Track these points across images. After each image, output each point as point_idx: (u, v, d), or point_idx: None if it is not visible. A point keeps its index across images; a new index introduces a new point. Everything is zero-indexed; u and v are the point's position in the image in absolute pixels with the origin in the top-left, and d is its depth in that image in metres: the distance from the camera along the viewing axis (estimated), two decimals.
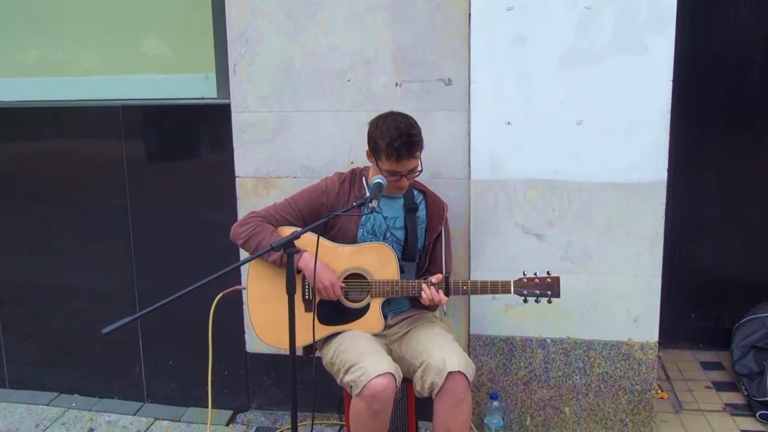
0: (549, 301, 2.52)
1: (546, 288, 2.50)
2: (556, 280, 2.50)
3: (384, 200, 2.58)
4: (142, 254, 3.34)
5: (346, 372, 2.40)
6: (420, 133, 2.49)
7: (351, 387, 2.36)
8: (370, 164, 2.62)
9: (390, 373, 2.33)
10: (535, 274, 2.51)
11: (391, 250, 2.56)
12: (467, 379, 2.38)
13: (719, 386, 3.41)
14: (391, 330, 2.65)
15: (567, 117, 2.75)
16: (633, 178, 2.75)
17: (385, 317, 2.63)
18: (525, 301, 2.51)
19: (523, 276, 2.51)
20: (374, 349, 2.46)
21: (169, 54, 3.33)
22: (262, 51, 2.98)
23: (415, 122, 2.51)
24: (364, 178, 2.66)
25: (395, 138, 2.41)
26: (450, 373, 2.34)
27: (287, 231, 2.55)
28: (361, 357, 2.39)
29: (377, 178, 2.45)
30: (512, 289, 2.50)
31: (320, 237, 2.43)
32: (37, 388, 3.58)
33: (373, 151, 2.52)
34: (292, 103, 3.00)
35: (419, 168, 2.51)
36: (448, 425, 2.41)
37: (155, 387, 3.46)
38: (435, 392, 2.37)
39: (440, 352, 2.40)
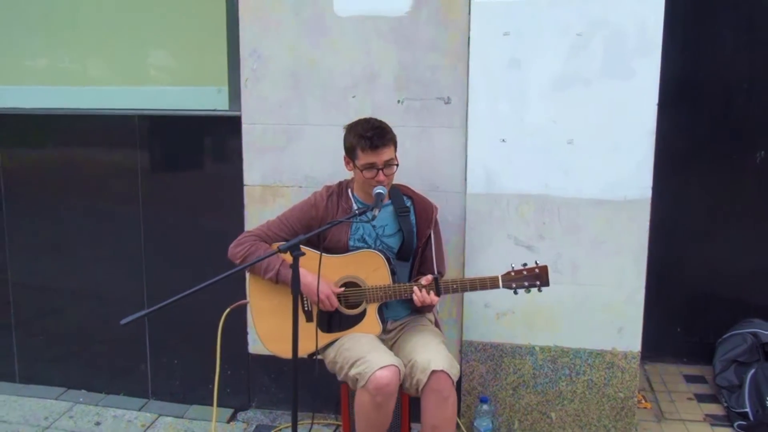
0: (539, 290, 2.59)
1: (534, 279, 2.58)
2: (544, 269, 2.58)
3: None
4: (152, 258, 3.49)
5: (351, 366, 2.52)
6: (390, 128, 2.66)
7: (356, 380, 2.49)
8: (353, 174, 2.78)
9: (393, 365, 2.47)
10: (524, 265, 2.59)
11: (381, 256, 2.68)
12: (451, 378, 2.50)
13: (701, 398, 3.55)
14: (389, 335, 2.79)
15: (558, 136, 2.92)
16: (619, 195, 2.91)
17: (385, 322, 2.76)
18: (515, 293, 2.59)
19: (510, 270, 2.60)
20: (377, 345, 2.61)
21: (185, 68, 3.50)
22: (272, 67, 3.15)
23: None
24: (349, 190, 2.81)
25: (367, 129, 2.62)
26: (434, 371, 2.46)
27: None
28: (366, 352, 2.52)
29: (378, 189, 2.61)
30: (500, 283, 2.59)
31: (313, 250, 2.57)
32: (45, 384, 3.72)
33: (349, 151, 2.68)
34: (300, 116, 3.17)
35: (396, 162, 2.66)
36: (434, 422, 2.54)
37: (160, 385, 3.60)
38: (420, 389, 2.50)
39: (426, 353, 2.54)
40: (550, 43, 2.87)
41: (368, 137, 2.59)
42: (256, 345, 3.38)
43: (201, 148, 3.46)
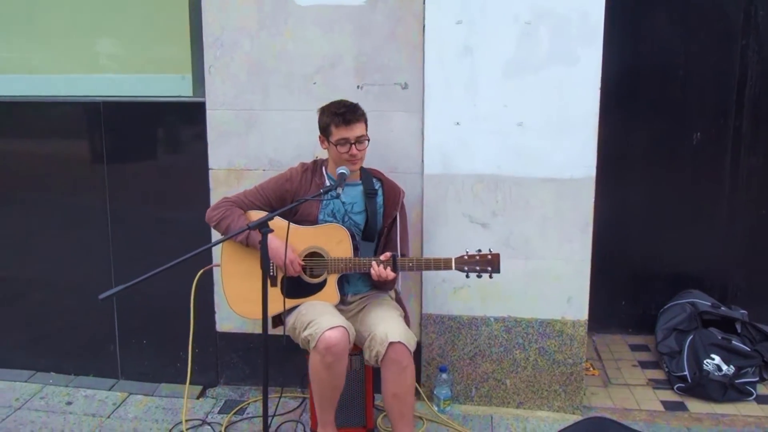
0: (490, 277, 2.77)
1: (486, 264, 2.75)
2: (496, 257, 2.76)
3: (345, 187, 2.82)
4: (120, 242, 3.57)
5: (304, 328, 2.69)
6: (360, 107, 2.86)
7: (308, 341, 2.65)
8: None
9: (342, 326, 2.63)
10: (478, 251, 2.76)
11: (346, 230, 2.85)
12: (408, 349, 2.68)
13: (644, 365, 3.80)
14: (350, 306, 2.95)
15: (509, 119, 3.10)
16: (566, 174, 3.11)
17: (346, 295, 2.93)
18: (467, 276, 2.77)
19: (464, 254, 2.77)
20: (330, 310, 2.78)
21: (148, 56, 3.56)
22: (235, 54, 3.26)
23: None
24: (324, 168, 2.97)
25: (340, 107, 2.83)
26: (391, 343, 2.64)
27: (254, 215, 2.87)
28: (318, 315, 2.69)
29: (341, 169, 2.78)
30: (453, 265, 2.76)
31: (284, 219, 2.70)
32: (13, 368, 3.76)
33: (324, 129, 2.86)
34: (263, 102, 3.29)
35: (367, 138, 2.85)
36: (395, 390, 2.72)
37: (129, 365, 3.68)
38: (380, 360, 2.67)
39: (384, 326, 2.71)
40: (501, 32, 3.04)
41: (341, 113, 2.79)
42: (223, 323, 3.50)
43: (166, 134, 3.55)
